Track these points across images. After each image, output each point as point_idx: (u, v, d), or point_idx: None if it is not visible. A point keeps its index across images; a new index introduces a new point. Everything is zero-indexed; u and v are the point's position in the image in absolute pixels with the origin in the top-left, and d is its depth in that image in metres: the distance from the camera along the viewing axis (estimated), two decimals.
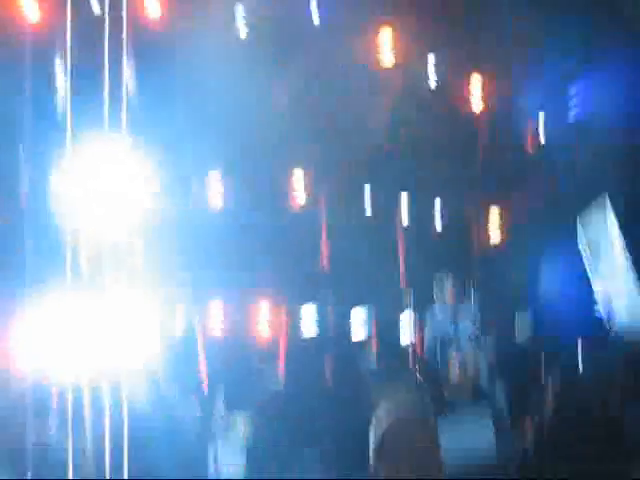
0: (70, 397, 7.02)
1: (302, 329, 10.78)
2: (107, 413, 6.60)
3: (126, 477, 5.70)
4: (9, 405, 7.95)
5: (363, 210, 11.00)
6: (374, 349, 10.35)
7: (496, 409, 8.62)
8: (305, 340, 10.64)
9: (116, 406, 6.97)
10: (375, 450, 2.90)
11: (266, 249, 10.28)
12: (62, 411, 7.64)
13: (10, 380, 8.24)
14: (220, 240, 9.98)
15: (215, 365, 9.61)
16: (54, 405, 7.99)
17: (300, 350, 10.39)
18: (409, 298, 9.87)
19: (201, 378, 9.37)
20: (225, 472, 8.12)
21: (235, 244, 10.10)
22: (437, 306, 9.39)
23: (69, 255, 7.36)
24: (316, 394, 9.16)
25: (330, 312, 11.02)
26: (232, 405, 9.13)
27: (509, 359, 9.08)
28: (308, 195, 10.68)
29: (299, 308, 10.94)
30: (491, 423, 7.73)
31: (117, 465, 6.22)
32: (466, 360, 8.91)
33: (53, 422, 8.12)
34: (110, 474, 5.84)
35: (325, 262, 10.88)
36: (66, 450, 7.16)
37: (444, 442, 2.99)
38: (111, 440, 6.47)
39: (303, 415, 8.50)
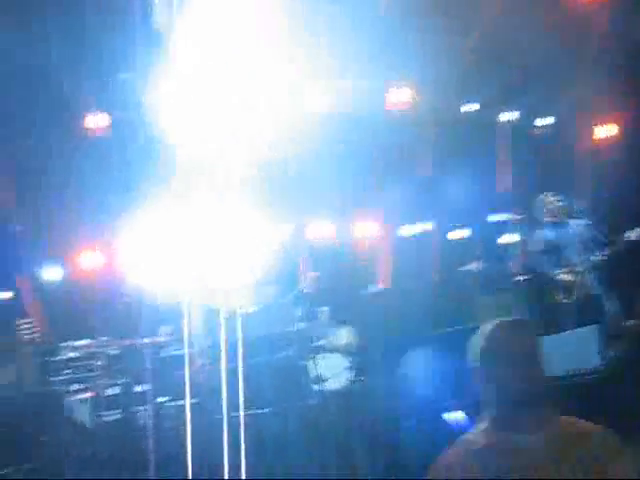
0: (185, 309, 7.17)
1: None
2: (222, 323, 6.69)
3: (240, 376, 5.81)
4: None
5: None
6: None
7: (602, 315, 8.43)
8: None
9: (230, 318, 7.06)
10: (478, 352, 2.83)
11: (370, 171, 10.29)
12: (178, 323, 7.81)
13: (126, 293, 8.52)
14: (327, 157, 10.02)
15: (320, 277, 9.69)
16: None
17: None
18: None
19: (305, 290, 9.44)
20: (326, 380, 8.20)
21: (342, 165, 10.14)
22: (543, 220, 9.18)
23: (178, 170, 7.38)
24: (419, 299, 9.15)
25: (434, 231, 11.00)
26: (336, 315, 9.22)
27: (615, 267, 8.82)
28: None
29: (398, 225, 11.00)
30: (597, 331, 7.53)
31: (232, 368, 6.35)
32: (573, 267, 8.73)
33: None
34: (226, 375, 5.98)
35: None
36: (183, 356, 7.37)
37: (549, 350, 2.92)
38: (226, 348, 6.57)
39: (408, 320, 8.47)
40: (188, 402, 6.04)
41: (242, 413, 5.52)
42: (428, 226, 11.24)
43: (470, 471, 2.75)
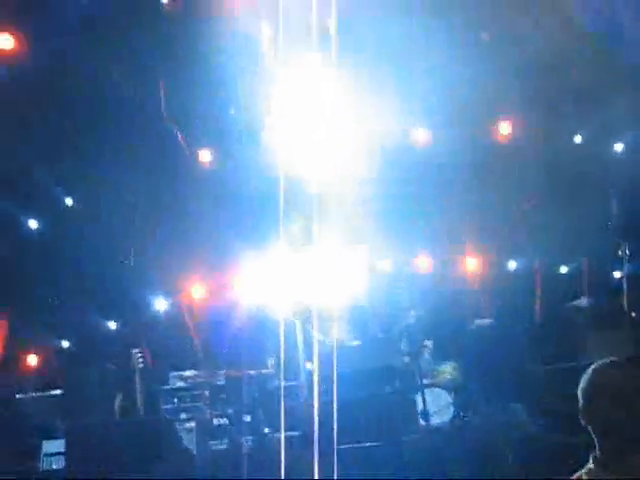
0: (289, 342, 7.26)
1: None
2: (327, 356, 6.74)
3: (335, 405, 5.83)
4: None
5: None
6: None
7: None
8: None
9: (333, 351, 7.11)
10: (584, 391, 2.79)
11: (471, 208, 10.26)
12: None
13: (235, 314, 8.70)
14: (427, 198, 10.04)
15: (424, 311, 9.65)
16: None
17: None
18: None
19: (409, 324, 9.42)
20: (431, 415, 8.14)
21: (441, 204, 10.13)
22: None
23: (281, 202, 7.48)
24: (525, 335, 9.01)
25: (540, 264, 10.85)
26: (440, 350, 9.15)
27: None
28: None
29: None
30: None
31: (326, 401, 6.38)
32: None
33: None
34: (328, 408, 6.01)
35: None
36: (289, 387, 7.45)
37: None
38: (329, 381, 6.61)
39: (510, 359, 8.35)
40: (283, 434, 6.10)
41: (335, 447, 5.54)
42: (533, 259, 11.05)
43: None
